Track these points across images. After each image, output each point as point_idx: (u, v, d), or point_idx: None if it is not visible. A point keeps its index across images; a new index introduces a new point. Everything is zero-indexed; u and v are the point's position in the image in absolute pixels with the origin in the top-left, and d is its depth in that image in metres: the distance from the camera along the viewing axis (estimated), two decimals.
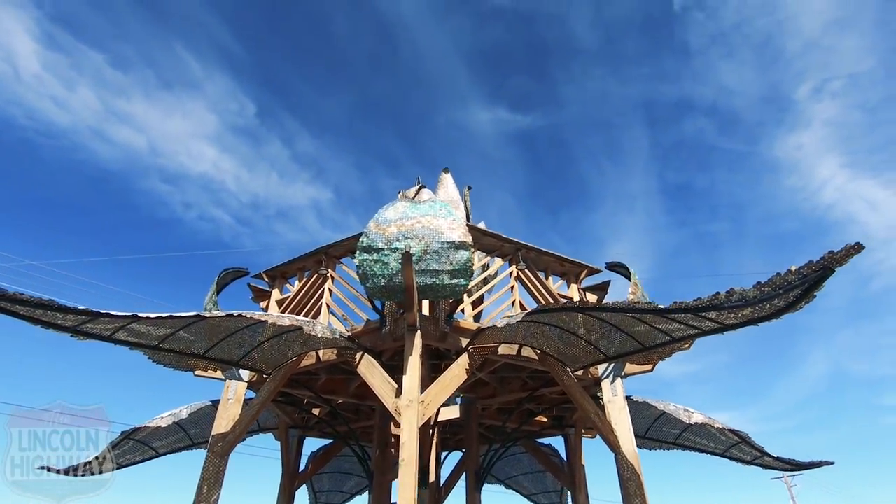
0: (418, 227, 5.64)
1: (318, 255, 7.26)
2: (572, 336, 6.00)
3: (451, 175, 11.03)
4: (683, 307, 3.90)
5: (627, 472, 6.15)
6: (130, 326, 4.71)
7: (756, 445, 7.60)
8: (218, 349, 5.93)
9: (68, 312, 3.90)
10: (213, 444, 6.40)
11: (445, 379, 5.59)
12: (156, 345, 5.30)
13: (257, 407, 6.47)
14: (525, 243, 7.10)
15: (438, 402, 5.39)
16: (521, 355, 6.44)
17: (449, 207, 5.92)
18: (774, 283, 3.47)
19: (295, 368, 6.55)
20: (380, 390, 5.54)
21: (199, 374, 6.84)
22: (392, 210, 5.90)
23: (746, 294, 3.61)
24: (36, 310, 3.84)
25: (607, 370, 6.98)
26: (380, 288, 5.60)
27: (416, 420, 4.99)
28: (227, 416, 6.66)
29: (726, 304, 3.76)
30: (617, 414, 6.60)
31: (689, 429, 8.17)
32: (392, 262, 5.53)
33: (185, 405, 7.73)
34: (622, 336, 5.64)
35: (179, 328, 5.15)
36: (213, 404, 7.79)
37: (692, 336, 4.73)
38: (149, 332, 4.98)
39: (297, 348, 6.36)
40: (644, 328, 5.21)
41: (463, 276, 5.61)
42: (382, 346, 6.14)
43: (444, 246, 5.54)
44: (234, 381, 6.93)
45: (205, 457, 6.37)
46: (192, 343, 5.63)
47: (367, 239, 5.66)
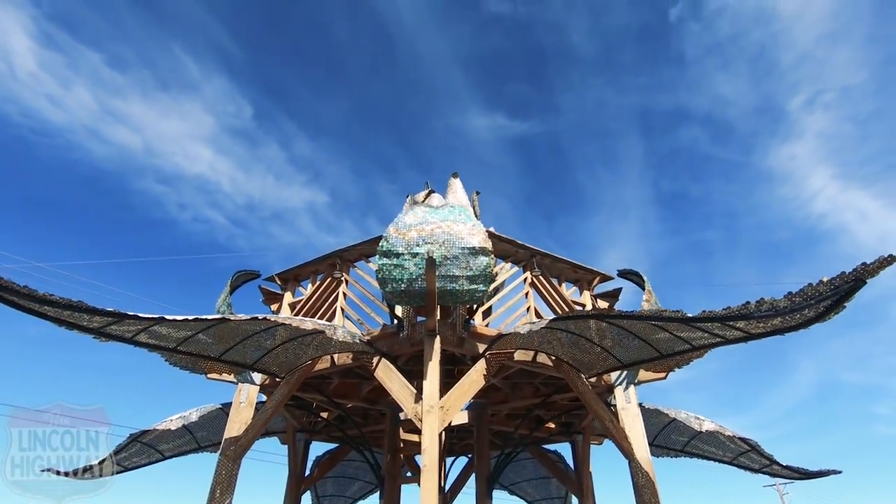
0: (438, 232, 5.65)
1: (331, 259, 7.24)
2: (587, 343, 6.02)
3: (460, 180, 11.08)
4: (712, 316, 3.92)
5: (642, 480, 6.15)
6: (153, 328, 4.68)
7: (766, 454, 7.63)
8: (234, 352, 5.90)
9: (96, 314, 3.87)
10: (225, 448, 6.36)
11: (464, 384, 5.58)
12: (174, 347, 5.27)
13: (270, 410, 6.44)
14: (540, 249, 7.12)
15: (458, 408, 5.38)
16: (537, 361, 6.45)
17: (468, 212, 5.93)
18: (806, 293, 3.49)
19: (309, 372, 6.52)
20: (398, 395, 5.52)
21: (211, 377, 6.80)
22: (411, 215, 5.91)
23: (777, 304, 3.64)
24: (64, 311, 3.82)
25: (620, 377, 6.99)
26: (399, 292, 5.59)
27: (438, 425, 4.98)
28: (240, 420, 6.61)
29: (755, 314, 3.78)
30: (631, 421, 6.60)
31: (698, 437, 8.19)
32: (412, 266, 5.52)
33: (194, 408, 7.68)
34: (639, 343, 5.65)
35: (200, 330, 5.12)
36: (224, 408, 7.74)
37: (715, 345, 4.76)
38: (169, 335, 4.95)
39: (311, 352, 6.34)
40: (664, 336, 5.23)
41: (482, 281, 5.62)
42: (400, 350, 6.12)
43: (464, 251, 5.54)
44: (247, 385, 6.89)
45: (217, 460, 6.33)
46: (210, 346, 5.59)
47: (387, 243, 5.65)
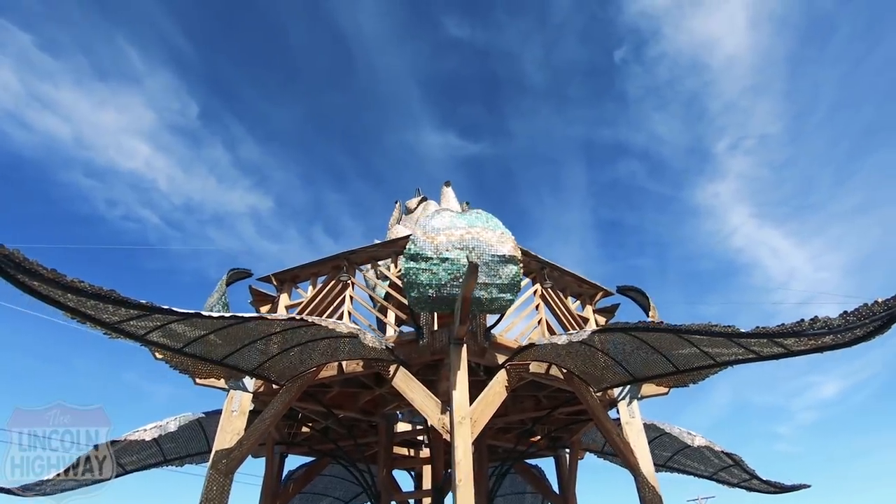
0: (468, 238, 5.50)
1: (336, 261, 6.88)
2: (604, 356, 6.04)
3: (452, 188, 11.00)
4: (764, 332, 4.02)
5: (649, 495, 6.21)
6: (169, 326, 4.21)
7: (748, 469, 7.95)
8: (237, 355, 5.43)
9: (125, 306, 3.41)
10: (216, 461, 5.81)
11: (488, 396, 5.42)
12: (180, 347, 4.77)
13: (269, 421, 5.96)
14: (549, 261, 7.12)
15: (485, 420, 5.20)
16: (549, 374, 6.40)
17: (496, 220, 5.83)
18: (860, 312, 3.64)
19: (312, 380, 6.11)
20: (422, 406, 5.27)
21: (201, 382, 6.22)
22: (439, 219, 5.73)
23: (831, 322, 3.77)
24: (89, 301, 3.33)
25: (623, 392, 7.08)
26: (426, 298, 5.37)
27: (470, 437, 4.79)
28: (232, 430, 6.08)
29: (808, 331, 3.91)
30: (635, 436, 6.68)
31: (682, 451, 8.42)
32: (442, 272, 5.33)
33: (172, 416, 6.97)
34: (657, 358, 5.73)
35: (213, 330, 4.67)
36: (209, 416, 7.09)
37: (742, 361, 4.88)
38: (184, 333, 4.47)
39: (317, 357, 5.95)
40: (689, 351, 5.32)
41: (511, 290, 5.51)
42: (419, 359, 5.87)
43: (494, 258, 5.42)
44: (239, 392, 6.37)
45: (206, 475, 5.77)
46: (216, 348, 5.11)
47: (415, 246, 5.43)
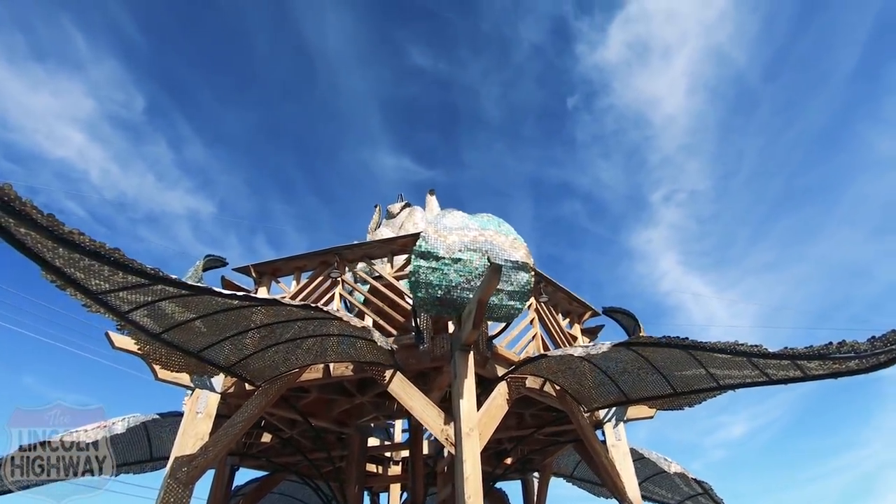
0: (481, 240, 5.26)
1: (326, 256, 6.41)
2: (601, 374, 5.91)
3: (436, 197, 10.76)
4: (791, 353, 4.00)
5: None
6: (160, 304, 3.64)
7: (717, 498, 8.04)
8: (217, 348, 4.83)
9: (128, 271, 2.87)
10: (175, 470, 5.09)
11: (491, 409, 5.11)
12: (158, 332, 4.14)
13: (241, 426, 5.31)
14: (546, 275, 6.99)
15: (489, 434, 4.86)
16: (543, 391, 6.18)
17: (507, 225, 5.63)
18: (888, 339, 3.71)
19: (294, 382, 5.55)
20: (421, 415, 4.88)
21: (163, 377, 5.51)
22: (451, 217, 5.45)
23: (857, 346, 3.82)
24: (82, 260, 2.77)
25: (609, 414, 6.97)
26: (434, 299, 5.04)
27: (479, 450, 4.44)
28: (195, 434, 5.39)
29: (834, 354, 3.94)
30: (621, 459, 6.56)
31: (651, 479, 8.41)
32: (453, 273, 5.04)
33: (119, 417, 6.10)
34: (655, 379, 5.67)
35: (201, 315, 4.11)
36: (166, 417, 6.27)
37: (754, 384, 4.87)
38: (172, 314, 3.88)
39: (303, 357, 5.42)
40: (692, 372, 5.28)
41: (521, 298, 5.29)
42: (417, 365, 5.48)
43: (506, 264, 5.19)
44: (205, 392, 5.69)
45: (162, 485, 5.03)
46: (197, 337, 4.51)
47: (426, 244, 5.12)
